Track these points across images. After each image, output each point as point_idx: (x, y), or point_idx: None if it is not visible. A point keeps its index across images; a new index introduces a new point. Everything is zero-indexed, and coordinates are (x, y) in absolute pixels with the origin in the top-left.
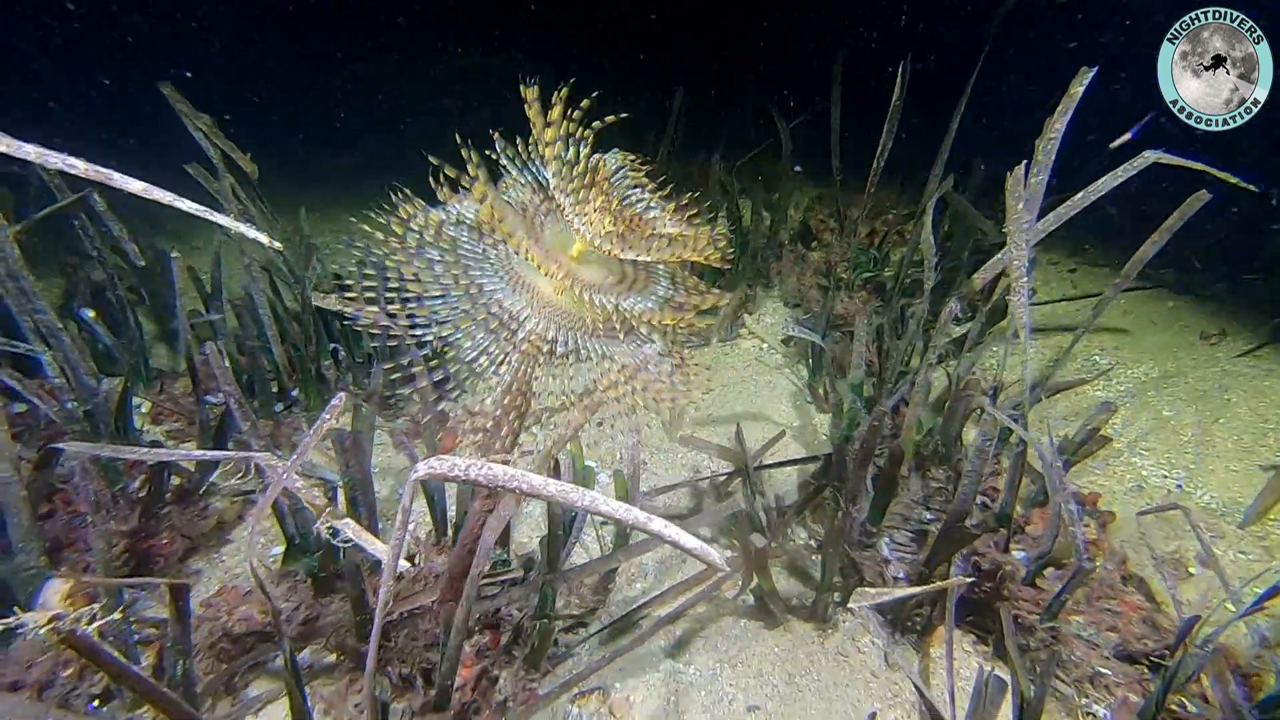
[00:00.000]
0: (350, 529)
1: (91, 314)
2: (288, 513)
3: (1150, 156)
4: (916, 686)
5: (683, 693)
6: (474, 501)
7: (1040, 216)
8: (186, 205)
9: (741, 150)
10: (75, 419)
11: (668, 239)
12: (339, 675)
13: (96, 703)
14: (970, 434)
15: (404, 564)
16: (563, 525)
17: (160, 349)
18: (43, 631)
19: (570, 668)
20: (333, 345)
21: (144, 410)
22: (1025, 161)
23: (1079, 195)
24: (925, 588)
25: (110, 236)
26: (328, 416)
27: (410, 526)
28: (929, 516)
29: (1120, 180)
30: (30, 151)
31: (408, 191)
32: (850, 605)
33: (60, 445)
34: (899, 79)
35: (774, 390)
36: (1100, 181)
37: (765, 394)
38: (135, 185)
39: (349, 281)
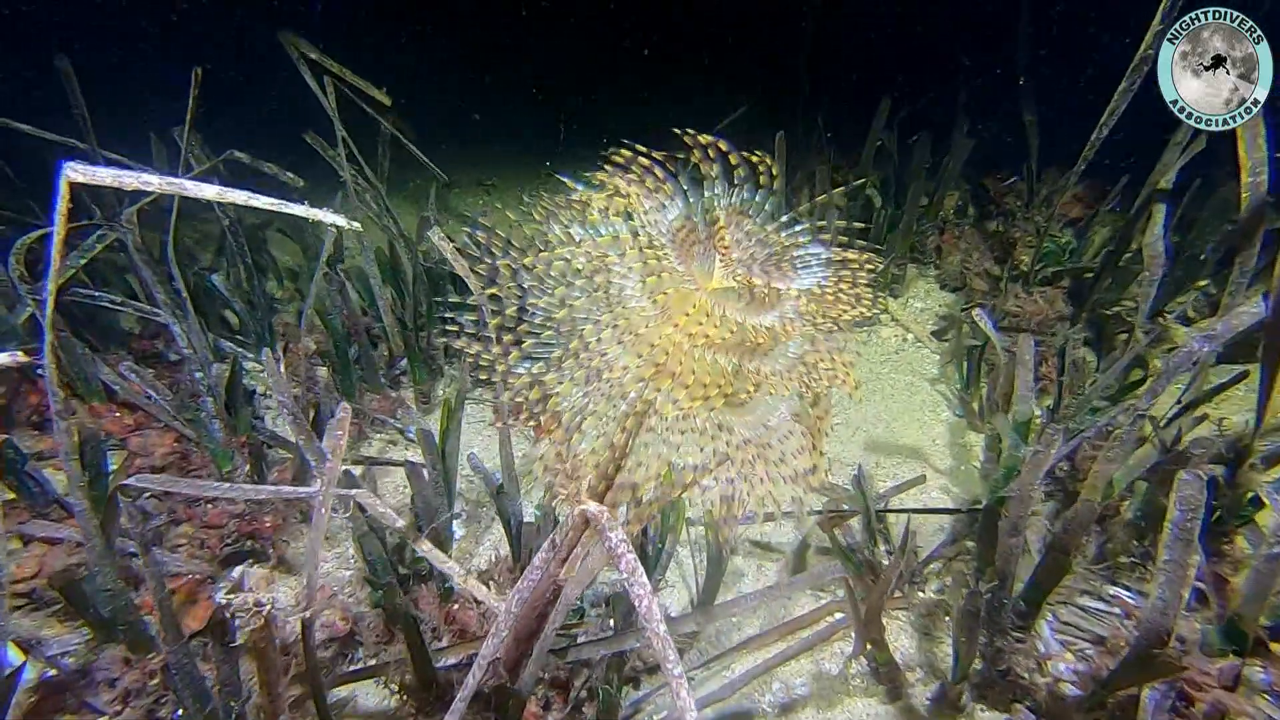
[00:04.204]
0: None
1: (219, 278)
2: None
3: None
4: None
5: None
6: (551, 556)
7: None
8: (262, 202)
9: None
10: (199, 393)
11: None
12: (403, 712)
13: (181, 711)
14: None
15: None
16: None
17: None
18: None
19: (651, 713)
20: (440, 316)
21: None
22: None
23: None
24: None
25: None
26: (340, 434)
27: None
28: (1113, 593)
29: None
30: (105, 176)
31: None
32: None
33: (130, 481)
34: None
35: (914, 395)
36: None
37: (903, 399)
38: (209, 191)
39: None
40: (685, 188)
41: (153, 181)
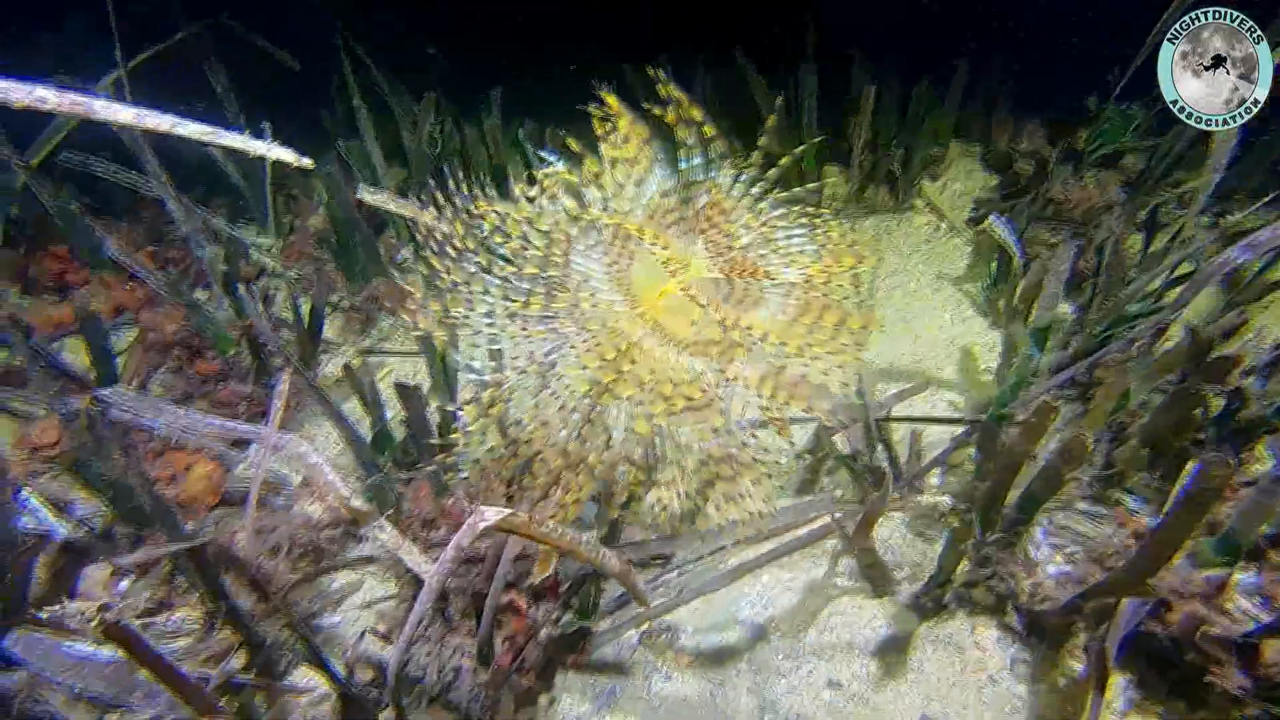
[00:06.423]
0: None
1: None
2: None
3: None
4: None
5: (757, 651)
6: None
7: None
8: (190, 129)
9: None
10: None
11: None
12: (399, 599)
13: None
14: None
15: None
16: None
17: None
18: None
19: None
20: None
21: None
22: None
23: None
24: None
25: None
26: (278, 404)
27: None
28: (1116, 497)
29: None
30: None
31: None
32: None
33: (102, 392)
34: None
35: (939, 291)
36: None
37: (928, 294)
38: (125, 115)
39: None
40: (660, 156)
41: (49, 99)
